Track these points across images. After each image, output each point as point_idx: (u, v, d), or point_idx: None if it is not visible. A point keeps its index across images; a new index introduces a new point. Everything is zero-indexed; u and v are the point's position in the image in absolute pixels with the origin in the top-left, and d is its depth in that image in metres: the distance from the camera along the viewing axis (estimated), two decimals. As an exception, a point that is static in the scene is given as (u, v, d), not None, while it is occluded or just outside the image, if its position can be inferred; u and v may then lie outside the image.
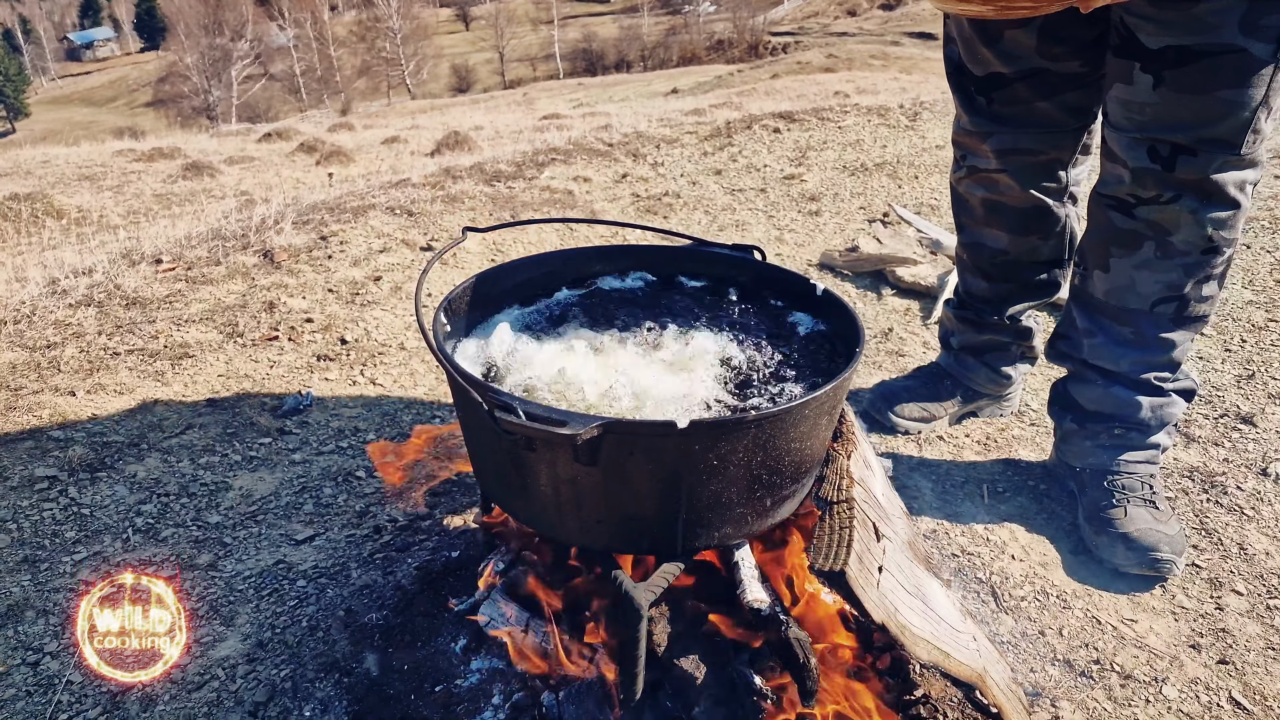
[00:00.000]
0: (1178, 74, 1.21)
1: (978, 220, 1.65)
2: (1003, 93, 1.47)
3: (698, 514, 0.91)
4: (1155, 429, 1.48)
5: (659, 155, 3.88)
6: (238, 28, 39.65)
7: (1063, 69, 1.41)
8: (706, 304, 1.23)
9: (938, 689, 1.10)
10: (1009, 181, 1.55)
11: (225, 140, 9.60)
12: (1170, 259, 1.35)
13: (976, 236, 1.67)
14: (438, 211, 2.96)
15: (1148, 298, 1.39)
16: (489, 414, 0.81)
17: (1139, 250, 1.37)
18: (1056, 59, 1.40)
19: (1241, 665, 1.21)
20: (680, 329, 1.14)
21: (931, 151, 3.77)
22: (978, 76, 1.48)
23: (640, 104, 10.33)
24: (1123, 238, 1.39)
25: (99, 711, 1.11)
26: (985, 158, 1.56)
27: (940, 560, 1.41)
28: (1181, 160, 1.27)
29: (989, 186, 1.59)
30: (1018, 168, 1.54)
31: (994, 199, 1.60)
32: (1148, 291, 1.39)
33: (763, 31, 43.11)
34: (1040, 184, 1.55)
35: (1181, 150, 1.26)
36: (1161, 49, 1.21)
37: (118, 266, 2.52)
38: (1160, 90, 1.24)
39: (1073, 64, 1.40)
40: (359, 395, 1.89)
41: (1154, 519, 1.40)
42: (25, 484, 1.52)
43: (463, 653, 1.18)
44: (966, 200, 1.66)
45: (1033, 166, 1.53)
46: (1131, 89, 1.27)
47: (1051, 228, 1.60)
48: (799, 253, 2.73)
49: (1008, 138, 1.51)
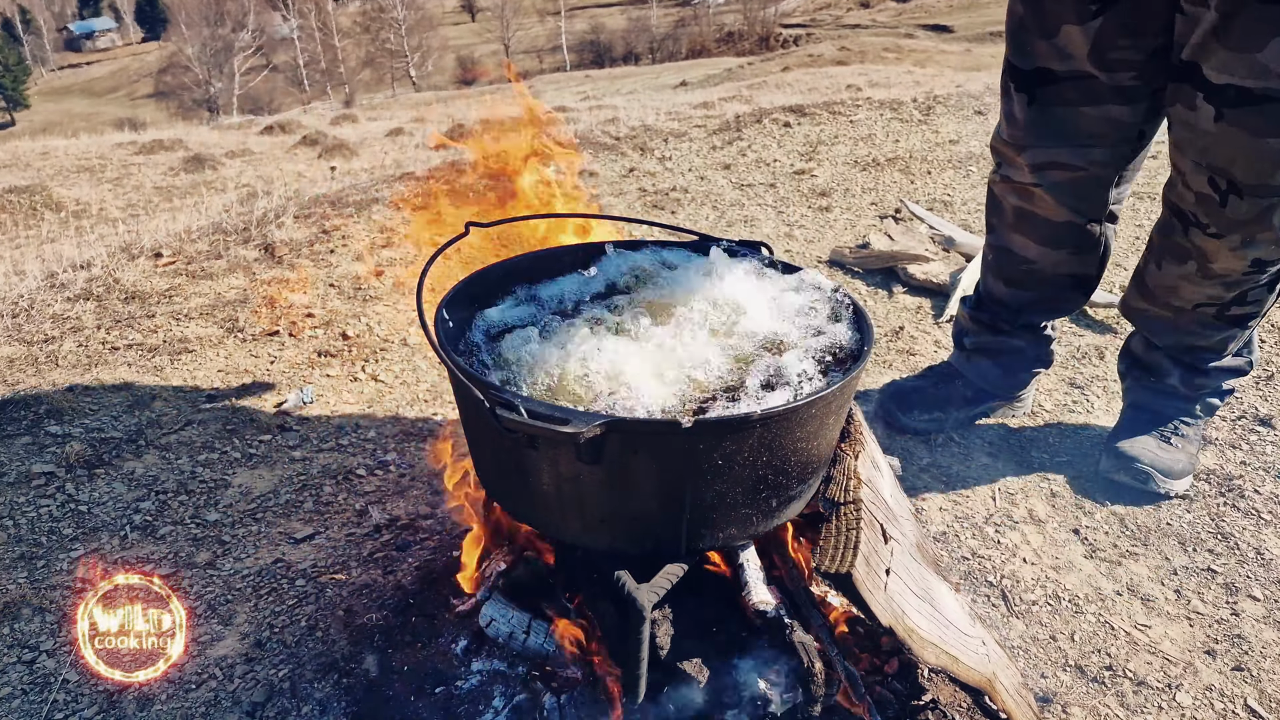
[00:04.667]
0: (1238, 113, 1.19)
1: (1008, 225, 1.60)
2: (1048, 90, 1.39)
3: (702, 514, 0.90)
4: (1183, 399, 1.56)
5: (667, 149, 3.85)
6: (239, 18, 39.58)
7: (1112, 80, 1.34)
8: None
9: (946, 694, 1.08)
10: (1044, 195, 1.50)
11: (226, 133, 9.58)
12: (1211, 279, 1.38)
13: (1005, 241, 1.62)
14: (441, 206, 2.94)
15: (1190, 300, 1.44)
16: (490, 412, 0.79)
17: (1184, 265, 1.41)
18: (1109, 67, 1.33)
19: (1257, 672, 1.19)
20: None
21: (945, 146, 3.73)
22: (1022, 71, 1.41)
23: (648, 97, 10.27)
24: (1173, 248, 1.42)
25: (95, 711, 1.10)
26: (1021, 170, 1.50)
27: (950, 563, 1.39)
28: (1231, 200, 1.26)
29: (1024, 197, 1.54)
30: (1053, 183, 1.48)
31: (1027, 209, 1.54)
32: (1190, 296, 1.44)
33: (774, 23, 42.89)
34: (1078, 202, 1.49)
35: (1233, 190, 1.25)
36: (1224, 85, 1.18)
37: (117, 260, 2.50)
38: (1220, 125, 1.21)
39: (1124, 76, 1.33)
40: (360, 391, 1.88)
41: (1158, 446, 1.51)
42: (22, 480, 1.51)
43: (463, 654, 1.16)
44: (1000, 203, 1.61)
45: (1070, 183, 1.47)
46: (1194, 115, 1.24)
47: (1084, 245, 1.55)
48: (809, 249, 2.70)
49: (1044, 153, 1.45)
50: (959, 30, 32.90)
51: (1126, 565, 1.39)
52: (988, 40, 28.25)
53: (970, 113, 4.30)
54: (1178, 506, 1.52)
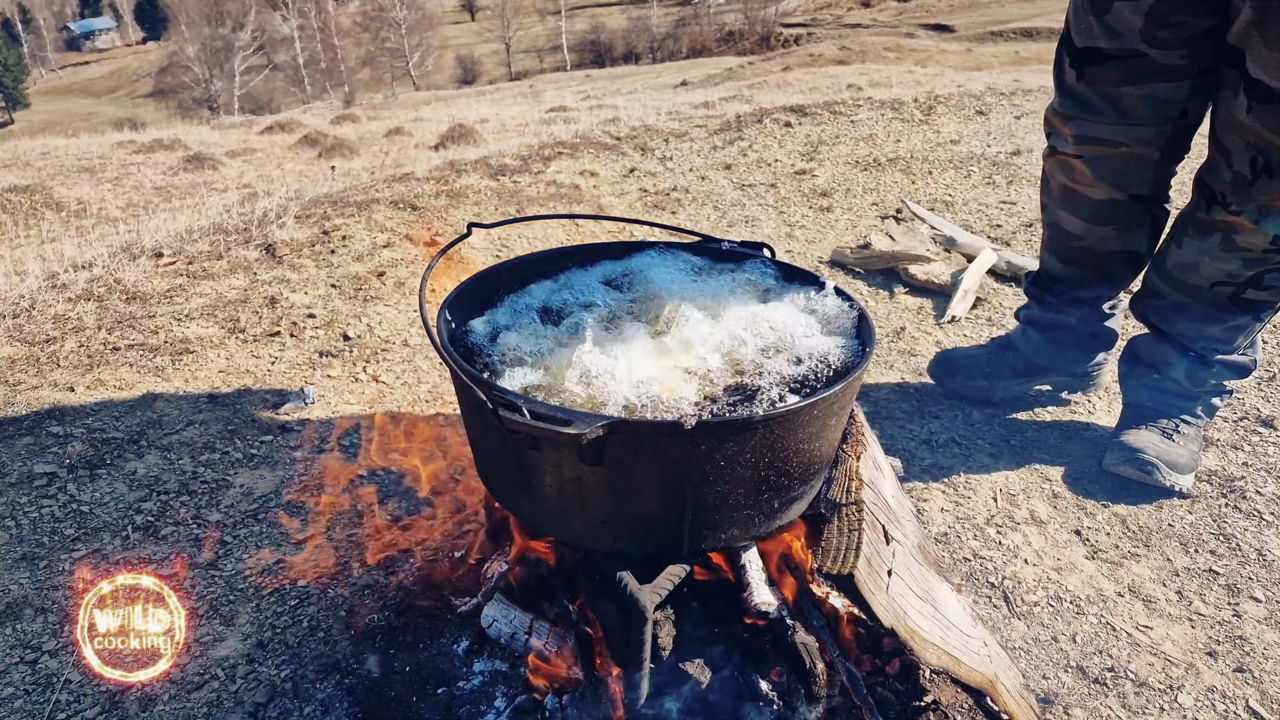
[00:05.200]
0: (1265, 109, 1.25)
1: (1056, 202, 1.66)
2: (1095, 69, 1.43)
3: (704, 515, 0.90)
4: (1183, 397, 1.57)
5: (667, 149, 3.85)
6: (239, 18, 39.55)
7: (1162, 57, 1.36)
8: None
9: (948, 695, 1.08)
10: (1083, 169, 1.53)
11: (227, 132, 9.58)
12: (1232, 251, 1.42)
13: (1054, 218, 1.67)
14: (442, 206, 2.94)
15: (1207, 278, 1.47)
16: (493, 413, 0.79)
17: (1209, 238, 1.44)
18: (1160, 44, 1.35)
19: (1259, 673, 1.19)
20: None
21: (946, 146, 3.73)
22: (1077, 47, 1.45)
23: (649, 96, 10.27)
24: (1200, 223, 1.45)
25: (97, 711, 1.10)
26: (1066, 141, 1.54)
27: (951, 564, 1.39)
28: (1261, 180, 1.31)
29: (1067, 172, 1.58)
30: (1093, 158, 1.51)
31: (1070, 185, 1.58)
32: (1208, 274, 1.46)
33: (774, 23, 42.85)
34: (1117, 178, 1.52)
35: (1267, 170, 1.30)
36: (1255, 80, 1.24)
37: (118, 260, 2.50)
38: (1250, 116, 1.27)
39: (1175, 54, 1.35)
40: (361, 392, 1.88)
41: (1161, 440, 1.52)
42: (24, 480, 1.51)
43: (465, 654, 1.16)
44: (1049, 180, 1.66)
45: (1111, 159, 1.50)
46: (1235, 102, 1.29)
47: (1129, 222, 1.59)
48: (810, 249, 2.70)
49: (1089, 125, 1.48)
50: (960, 30, 32.88)
51: (1128, 566, 1.39)
52: (989, 40, 28.24)
53: (971, 113, 4.30)
54: (1179, 508, 1.52)
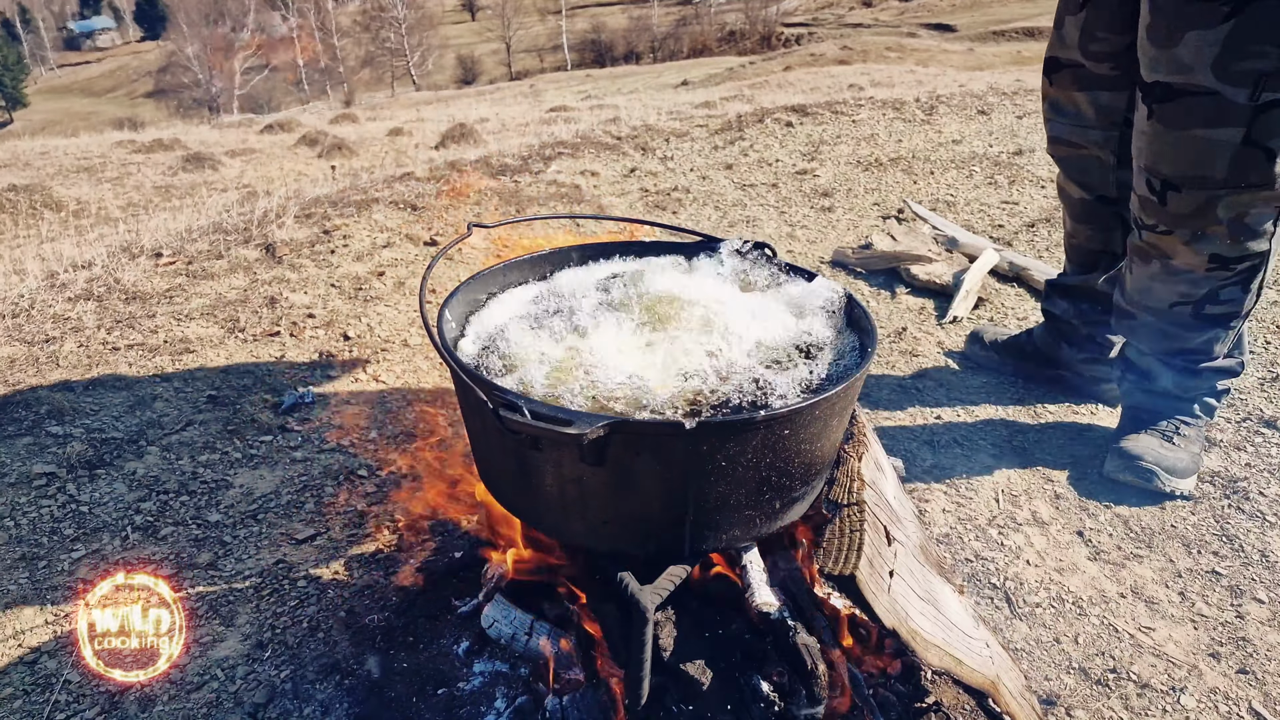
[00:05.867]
0: (1164, 109, 1.28)
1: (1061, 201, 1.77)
2: (1056, 75, 1.57)
3: (705, 516, 0.89)
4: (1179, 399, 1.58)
5: (668, 149, 3.84)
6: (239, 17, 39.55)
7: (1096, 68, 1.49)
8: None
9: (950, 696, 1.08)
10: (1060, 169, 1.67)
11: (226, 132, 9.58)
12: (1175, 275, 1.44)
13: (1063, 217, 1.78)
14: (442, 206, 2.94)
15: (1164, 300, 1.49)
16: (494, 413, 0.79)
17: (1149, 264, 1.47)
18: (1093, 56, 1.48)
19: (1262, 675, 1.18)
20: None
21: (947, 146, 3.73)
22: (1047, 55, 1.59)
23: (649, 96, 10.27)
24: (1138, 250, 1.49)
25: (96, 711, 1.09)
26: (1048, 142, 1.67)
27: (953, 565, 1.38)
28: (1170, 196, 1.35)
29: (1057, 173, 1.72)
30: (1062, 157, 1.65)
31: (1059, 184, 1.73)
32: (1163, 296, 1.48)
33: (775, 22, 42.85)
34: (1082, 177, 1.63)
35: (1168, 186, 1.34)
36: (1153, 83, 1.29)
37: (117, 260, 2.50)
38: (1151, 122, 1.31)
39: (1105, 65, 1.47)
40: (361, 392, 1.87)
41: (1160, 445, 1.52)
42: (23, 481, 1.50)
43: (465, 655, 1.16)
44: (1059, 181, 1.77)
45: (1074, 159, 1.62)
46: (1139, 114, 1.35)
47: (1104, 223, 1.67)
48: (811, 249, 2.70)
49: (1058, 126, 1.62)
50: (962, 29, 32.85)
51: (1131, 567, 1.39)
52: (990, 39, 28.22)
53: (973, 112, 4.30)
54: (1182, 509, 1.51)
